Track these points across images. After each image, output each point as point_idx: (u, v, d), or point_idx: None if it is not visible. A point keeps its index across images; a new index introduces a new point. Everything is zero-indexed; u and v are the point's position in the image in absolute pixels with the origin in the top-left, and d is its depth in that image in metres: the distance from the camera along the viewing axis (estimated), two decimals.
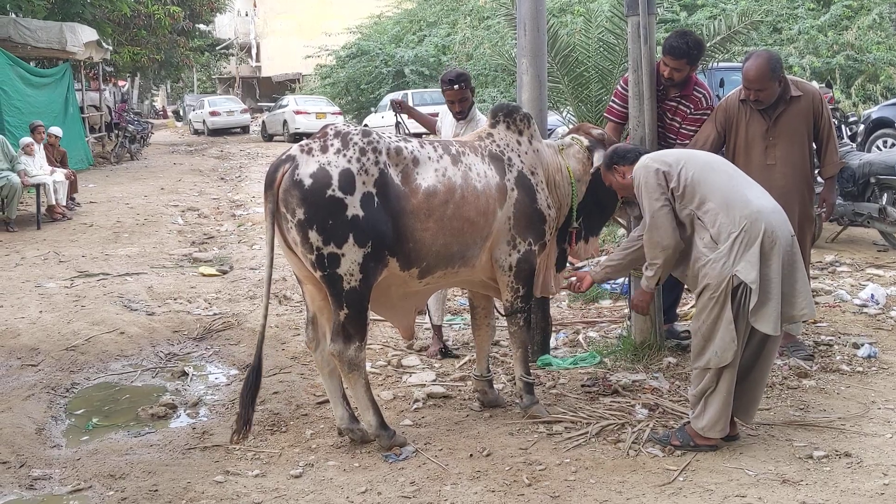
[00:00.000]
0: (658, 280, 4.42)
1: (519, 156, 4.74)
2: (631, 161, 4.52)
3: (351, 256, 4.16)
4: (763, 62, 5.25)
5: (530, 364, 5.12)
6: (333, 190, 4.11)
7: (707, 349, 4.17)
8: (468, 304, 5.32)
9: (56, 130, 14.33)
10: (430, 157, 4.45)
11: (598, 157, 4.89)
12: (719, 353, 4.12)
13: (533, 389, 4.97)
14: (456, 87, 5.88)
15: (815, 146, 5.65)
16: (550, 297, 5.57)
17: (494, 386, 5.20)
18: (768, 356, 4.32)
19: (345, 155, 4.17)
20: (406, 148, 4.40)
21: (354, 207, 4.13)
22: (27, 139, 13.01)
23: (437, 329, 6.25)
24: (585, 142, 5.00)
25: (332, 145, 4.21)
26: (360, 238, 4.15)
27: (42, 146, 13.26)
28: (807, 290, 4.19)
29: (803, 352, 5.65)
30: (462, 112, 6.00)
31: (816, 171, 5.93)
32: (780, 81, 5.32)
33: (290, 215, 4.15)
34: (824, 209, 5.89)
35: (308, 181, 4.11)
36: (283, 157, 4.24)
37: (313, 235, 4.13)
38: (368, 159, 4.20)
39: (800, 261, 4.18)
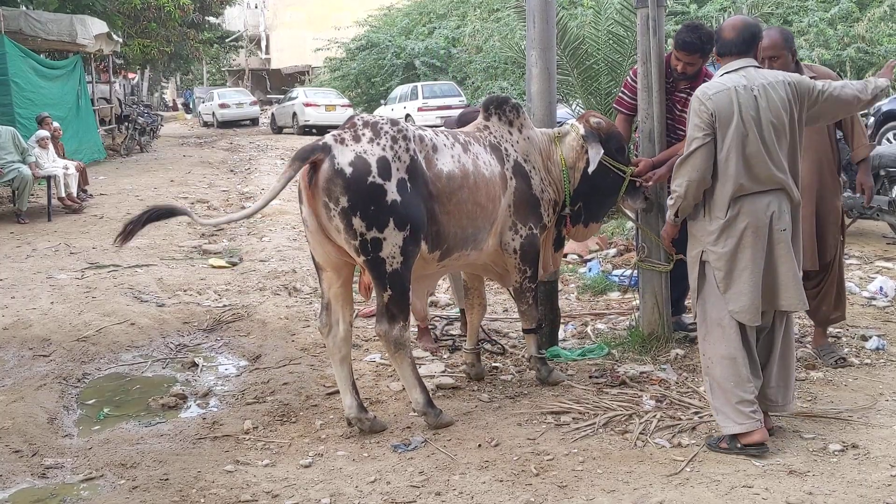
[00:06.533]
0: (677, 212, 4.29)
1: (512, 145, 5.01)
2: (720, 52, 4.29)
3: (392, 240, 4.29)
4: (775, 31, 5.16)
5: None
6: (374, 177, 4.24)
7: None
8: (463, 287, 5.52)
9: (56, 124, 14.35)
10: (444, 144, 4.65)
11: (591, 148, 5.02)
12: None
13: (546, 362, 5.28)
14: None
15: (839, 133, 5.46)
16: (550, 277, 5.65)
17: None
18: (772, 344, 4.28)
19: (378, 143, 4.32)
20: (426, 135, 4.60)
21: (392, 193, 4.27)
22: (45, 132, 13.15)
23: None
24: (582, 130, 5.11)
25: (364, 135, 4.36)
26: (400, 222, 4.29)
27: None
28: (796, 283, 4.12)
29: (834, 355, 5.43)
30: None
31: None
32: (793, 55, 5.19)
33: (334, 204, 4.26)
34: (863, 194, 5.56)
35: (349, 170, 4.23)
36: (319, 143, 4.32)
37: (357, 222, 4.25)
38: (400, 146, 4.36)
39: (788, 252, 4.11)
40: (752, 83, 4.09)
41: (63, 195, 12.76)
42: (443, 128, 5.16)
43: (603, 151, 5.02)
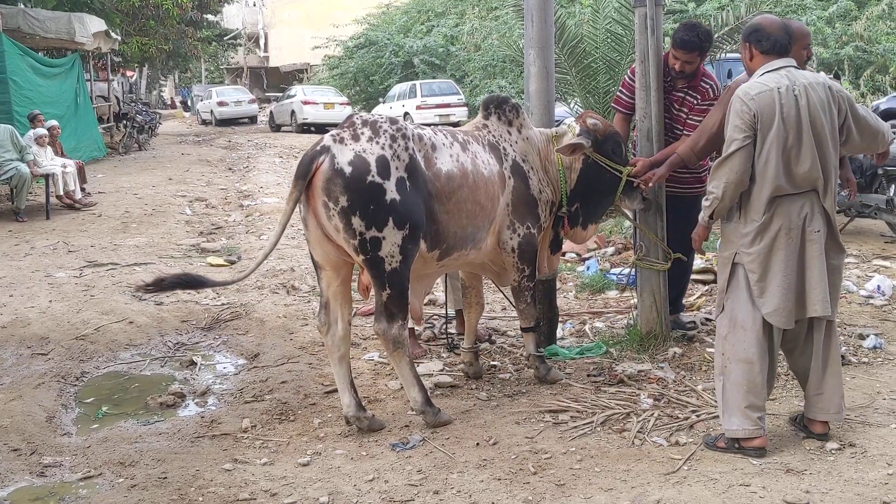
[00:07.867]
0: (713, 214, 4.21)
1: (511, 145, 5.03)
2: (762, 49, 4.15)
3: (391, 239, 4.31)
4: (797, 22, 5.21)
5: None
6: (373, 176, 4.26)
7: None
8: (461, 286, 5.57)
9: (53, 122, 14.31)
10: (443, 143, 4.66)
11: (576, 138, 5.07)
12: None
13: (544, 360, 5.30)
14: None
15: None
16: (548, 276, 5.65)
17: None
18: (816, 348, 4.22)
19: (377, 142, 4.33)
20: (425, 134, 4.61)
21: (392, 192, 4.29)
22: (42, 130, 13.15)
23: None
24: (577, 130, 5.12)
25: (363, 134, 4.37)
26: (399, 221, 4.30)
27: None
28: (822, 287, 4.04)
29: None
30: None
31: None
32: None
33: (333, 203, 4.27)
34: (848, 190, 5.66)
35: (348, 169, 4.25)
36: (318, 147, 4.35)
37: (356, 221, 4.26)
38: (399, 145, 4.37)
39: (820, 255, 4.05)
40: (794, 83, 4.02)
41: (61, 193, 12.74)
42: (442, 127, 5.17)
43: (586, 143, 5.03)
